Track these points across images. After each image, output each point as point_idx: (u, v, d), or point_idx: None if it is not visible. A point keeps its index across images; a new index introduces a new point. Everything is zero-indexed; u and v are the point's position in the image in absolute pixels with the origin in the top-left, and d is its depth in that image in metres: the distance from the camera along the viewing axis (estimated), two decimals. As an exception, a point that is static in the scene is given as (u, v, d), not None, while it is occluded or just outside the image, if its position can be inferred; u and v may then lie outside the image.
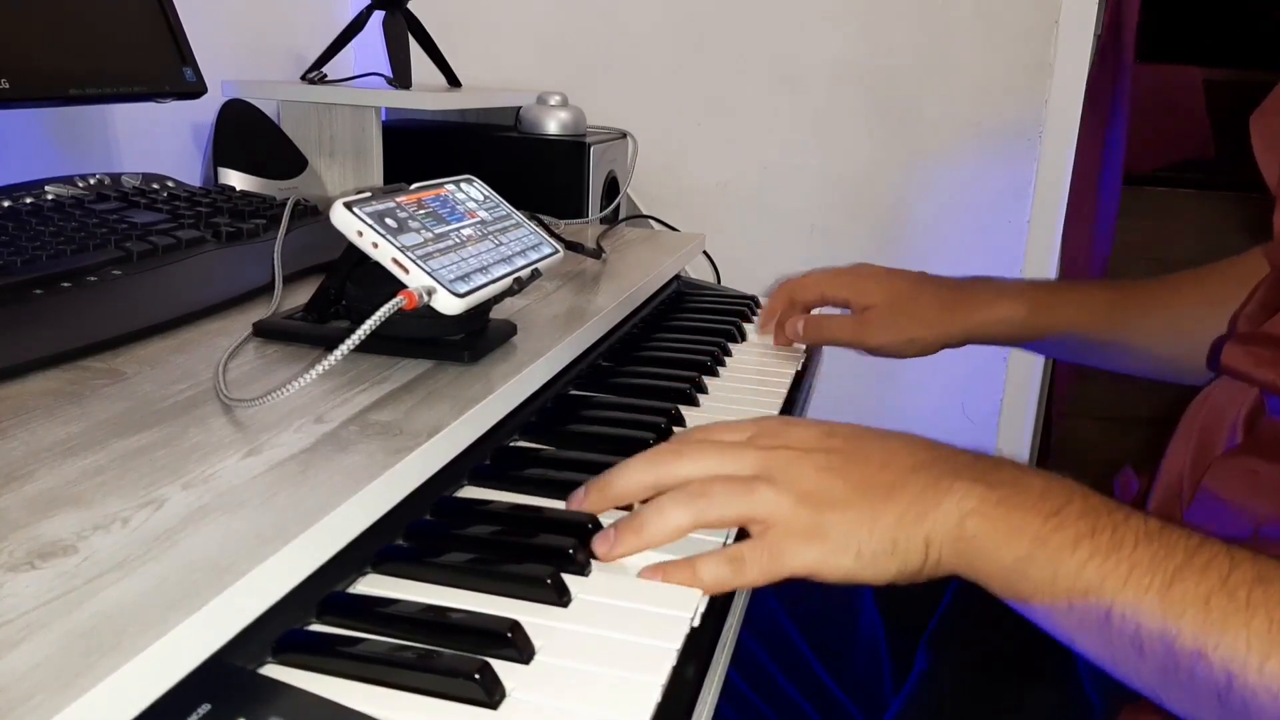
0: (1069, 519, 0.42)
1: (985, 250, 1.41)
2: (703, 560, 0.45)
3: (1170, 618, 0.39)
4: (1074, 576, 0.41)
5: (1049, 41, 1.33)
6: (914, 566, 0.45)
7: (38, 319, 0.55)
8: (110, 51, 0.80)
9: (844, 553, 0.44)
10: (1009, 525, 0.43)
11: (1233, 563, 0.39)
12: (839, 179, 1.43)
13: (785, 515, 0.45)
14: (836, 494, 0.45)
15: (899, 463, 0.47)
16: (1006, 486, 0.44)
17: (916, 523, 0.44)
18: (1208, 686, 0.38)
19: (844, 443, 0.48)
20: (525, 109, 1.25)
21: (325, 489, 0.40)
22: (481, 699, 0.36)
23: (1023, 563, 0.42)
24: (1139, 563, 0.40)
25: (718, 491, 0.46)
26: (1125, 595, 0.40)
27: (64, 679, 0.28)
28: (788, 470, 0.46)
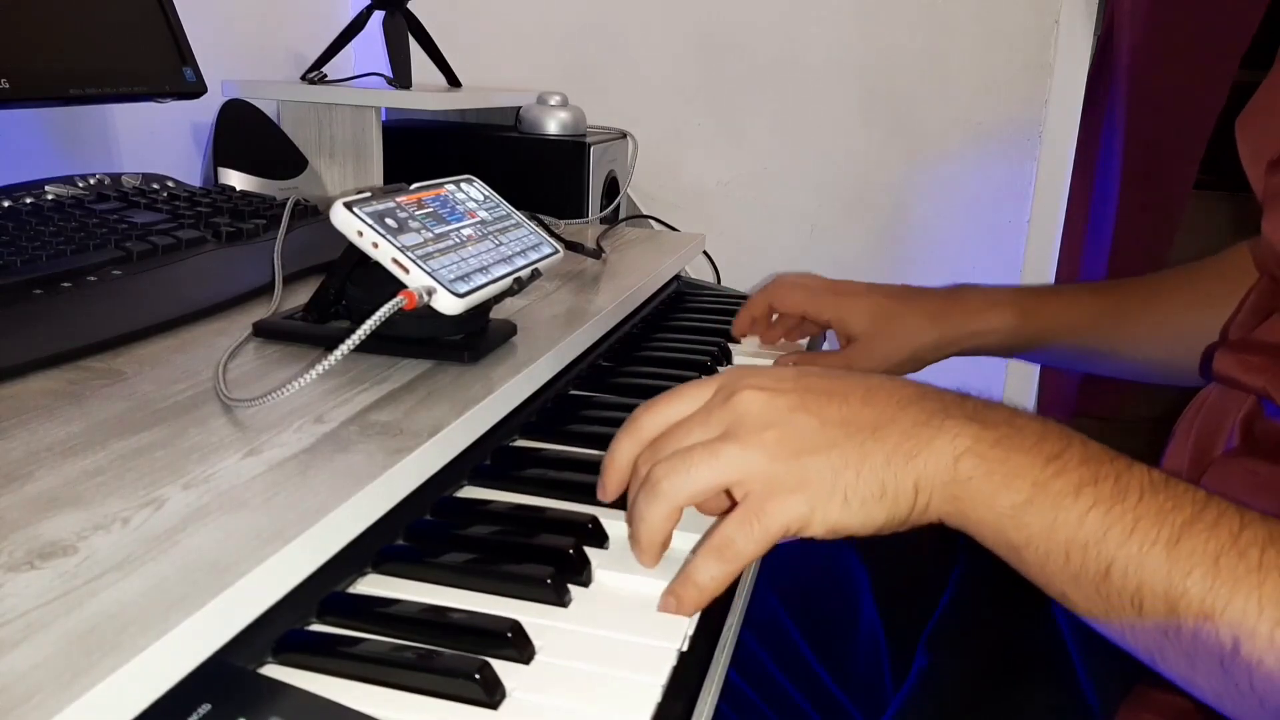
0: (1070, 464, 0.39)
1: (985, 250, 1.41)
2: (692, 567, 0.42)
3: (1176, 576, 0.36)
4: (1074, 526, 0.38)
5: (1049, 41, 1.33)
6: (903, 513, 0.41)
7: (38, 319, 0.55)
8: (110, 51, 0.80)
9: (830, 500, 0.41)
10: (1006, 468, 0.40)
11: (1243, 521, 0.37)
12: (839, 179, 1.43)
13: (759, 470, 0.41)
14: (815, 437, 0.41)
15: (883, 398, 0.43)
16: (1002, 426, 0.41)
17: (906, 462, 0.40)
18: (1211, 650, 0.36)
19: (818, 380, 0.44)
20: (525, 109, 1.25)
21: (325, 489, 0.40)
22: (482, 699, 0.36)
23: (1020, 509, 0.39)
24: (1145, 515, 0.37)
25: (679, 467, 0.42)
26: (1129, 549, 0.37)
27: (64, 679, 0.28)
28: (756, 417, 0.42)
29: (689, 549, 0.46)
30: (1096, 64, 1.33)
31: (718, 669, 0.43)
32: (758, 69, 1.42)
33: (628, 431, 0.47)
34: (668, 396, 0.47)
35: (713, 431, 0.44)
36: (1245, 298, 0.62)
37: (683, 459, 0.43)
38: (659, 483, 0.43)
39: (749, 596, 0.52)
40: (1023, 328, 0.78)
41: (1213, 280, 0.72)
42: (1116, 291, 0.79)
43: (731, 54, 1.42)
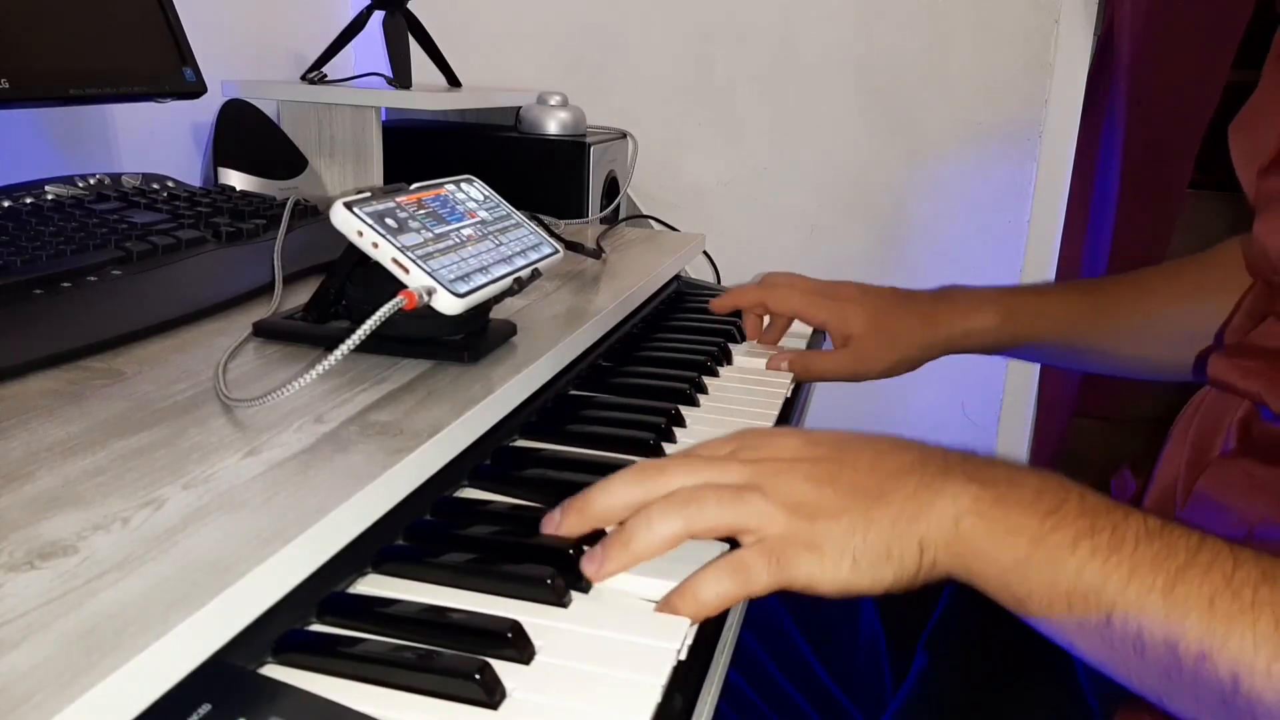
0: (1067, 518, 0.41)
1: (985, 250, 1.41)
2: (700, 578, 0.43)
3: (1174, 619, 0.38)
4: (1074, 577, 0.40)
5: (1049, 41, 1.33)
6: (910, 571, 0.43)
7: (38, 319, 0.56)
8: (110, 51, 0.80)
9: (840, 562, 0.43)
10: (1006, 525, 0.42)
11: (1236, 562, 0.38)
12: (839, 179, 1.43)
13: (779, 525, 0.43)
14: (827, 502, 0.44)
15: (887, 465, 0.45)
16: (1001, 485, 0.43)
17: (910, 524, 0.43)
18: (1213, 689, 0.37)
19: (829, 450, 0.47)
20: (525, 109, 1.25)
21: (325, 489, 0.40)
22: (482, 699, 0.36)
23: (1021, 564, 0.41)
24: (1141, 562, 0.39)
25: (708, 498, 0.44)
26: (1127, 596, 0.39)
27: (64, 679, 0.28)
28: (775, 480, 0.45)
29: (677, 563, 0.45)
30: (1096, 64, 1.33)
31: (718, 669, 0.43)
32: (758, 69, 1.42)
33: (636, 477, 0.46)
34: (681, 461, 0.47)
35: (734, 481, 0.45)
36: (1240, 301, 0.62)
37: (713, 491, 0.44)
38: (685, 505, 0.44)
39: (749, 597, 0.52)
40: (1008, 326, 0.79)
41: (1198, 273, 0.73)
42: (1102, 289, 0.80)
43: (732, 54, 1.42)
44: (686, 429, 0.65)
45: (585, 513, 0.46)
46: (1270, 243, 0.56)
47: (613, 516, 0.46)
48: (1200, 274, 0.73)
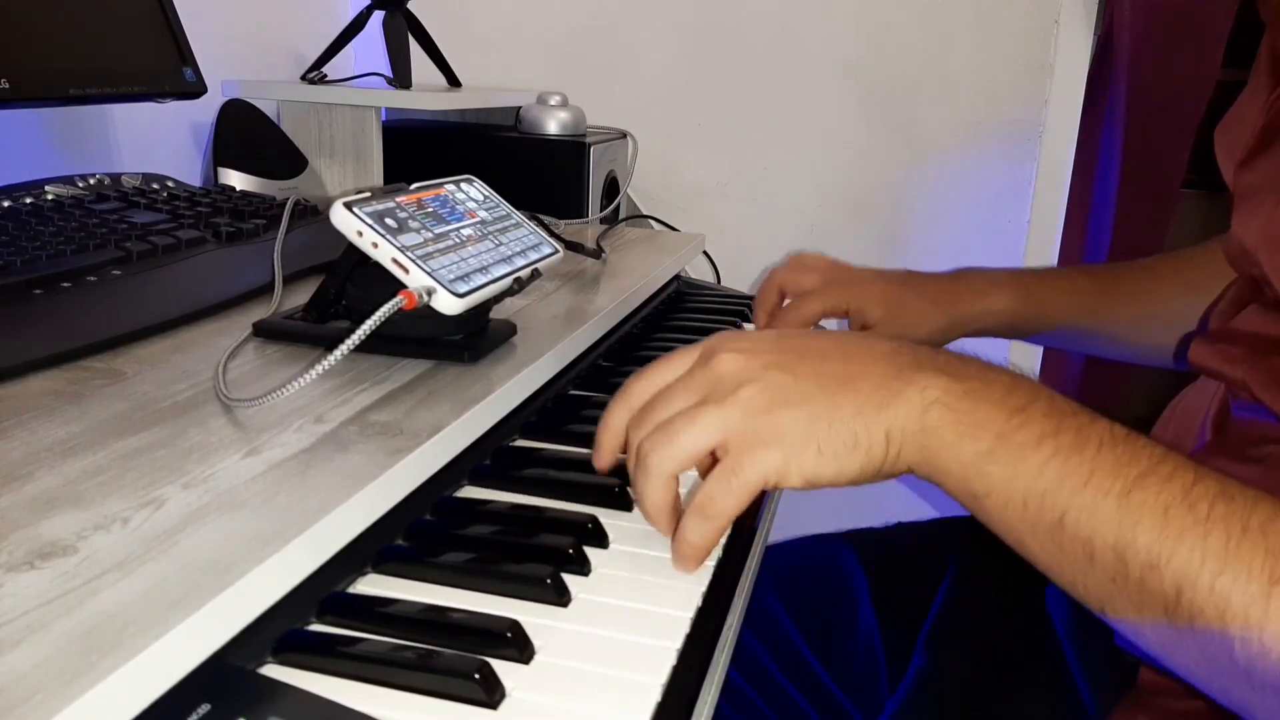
0: (1034, 416, 0.40)
1: (985, 250, 1.41)
2: (682, 529, 0.44)
3: (1126, 525, 0.37)
4: (1033, 475, 0.39)
5: (1049, 41, 1.33)
6: (876, 462, 0.42)
7: (38, 319, 0.56)
8: (110, 51, 0.80)
9: (804, 451, 0.42)
10: (972, 419, 0.41)
11: (1196, 476, 0.38)
12: (839, 179, 1.43)
13: (736, 427, 0.43)
14: (789, 391, 0.43)
15: (857, 354, 0.44)
16: (972, 380, 0.42)
17: (877, 412, 0.42)
18: (1156, 599, 0.37)
19: (795, 341, 0.46)
20: (525, 109, 1.25)
21: (325, 489, 0.40)
22: (481, 699, 0.36)
23: (982, 458, 0.40)
24: (1100, 466, 0.39)
25: (661, 439, 0.44)
26: (1083, 498, 0.38)
27: (64, 678, 0.28)
28: (733, 377, 0.44)
29: None
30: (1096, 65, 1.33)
31: (718, 669, 0.43)
32: (758, 69, 1.42)
33: (619, 400, 0.49)
34: (655, 364, 0.49)
35: (694, 397, 0.45)
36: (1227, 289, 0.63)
37: (665, 431, 0.44)
38: (647, 458, 0.45)
39: (749, 596, 0.52)
40: (1024, 308, 0.79)
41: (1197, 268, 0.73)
42: (1110, 274, 0.80)
43: (732, 54, 1.42)
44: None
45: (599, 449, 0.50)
46: (1245, 236, 0.56)
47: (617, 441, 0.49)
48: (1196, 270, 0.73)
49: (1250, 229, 0.56)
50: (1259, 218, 0.55)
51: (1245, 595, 0.35)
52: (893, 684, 0.71)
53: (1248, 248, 0.56)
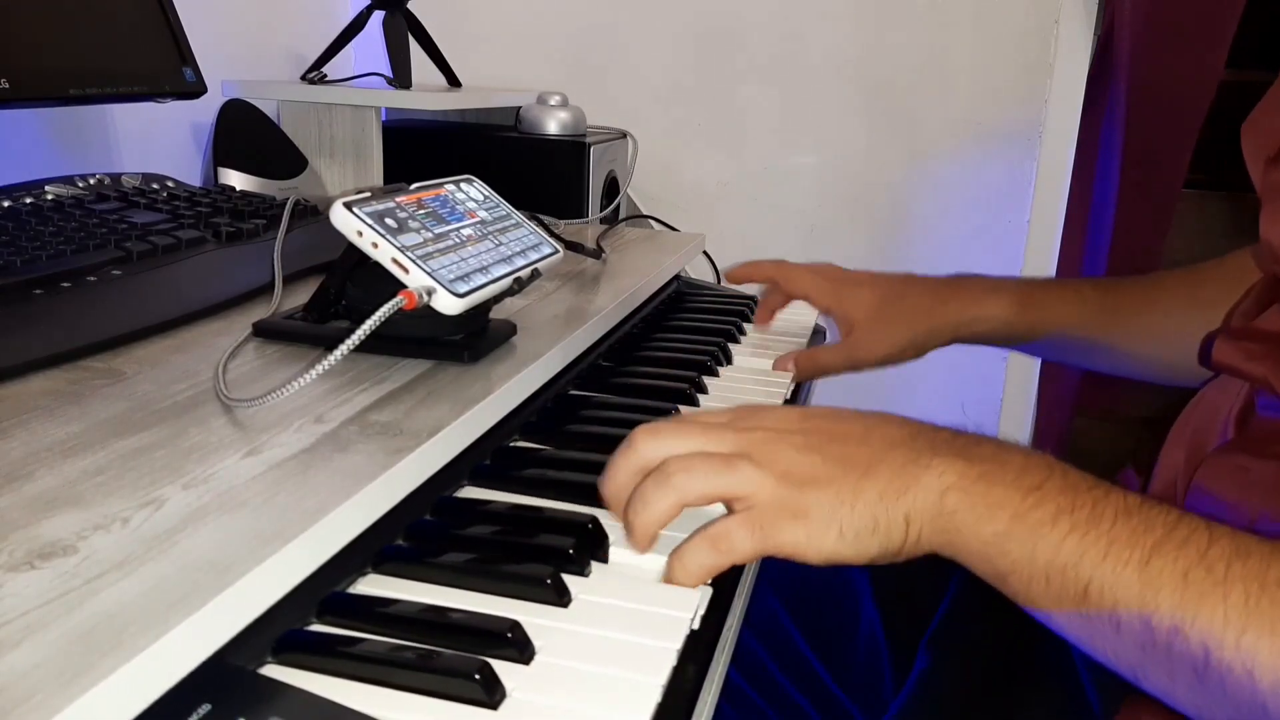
0: (1049, 494, 0.42)
1: (985, 250, 1.41)
2: (684, 551, 0.45)
3: (1148, 593, 0.38)
4: (1053, 551, 0.40)
5: (1049, 41, 1.33)
6: (895, 544, 0.44)
7: (38, 319, 0.55)
8: (110, 51, 0.80)
9: (826, 531, 0.44)
10: (988, 500, 0.42)
11: (1211, 537, 0.39)
12: (839, 179, 1.43)
13: (768, 493, 0.44)
14: (817, 472, 0.45)
15: (877, 439, 0.46)
16: (986, 462, 0.43)
17: (897, 498, 0.43)
18: (1185, 662, 0.38)
19: (822, 423, 0.48)
20: (525, 109, 1.25)
21: (325, 489, 0.40)
22: (481, 699, 0.36)
23: (1001, 538, 0.42)
24: (1118, 538, 0.40)
25: (698, 467, 0.45)
26: (1103, 570, 0.39)
27: (64, 678, 0.28)
28: (766, 449, 0.46)
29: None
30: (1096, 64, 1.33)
31: (718, 669, 0.43)
32: (758, 69, 1.42)
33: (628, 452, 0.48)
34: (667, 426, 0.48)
35: (725, 449, 0.46)
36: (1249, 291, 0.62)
37: (702, 460, 0.46)
38: (673, 475, 0.45)
39: (749, 597, 0.52)
40: (1021, 316, 0.78)
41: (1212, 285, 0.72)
42: (1117, 287, 0.79)
43: (731, 54, 1.42)
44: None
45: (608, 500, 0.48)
46: (1274, 234, 0.56)
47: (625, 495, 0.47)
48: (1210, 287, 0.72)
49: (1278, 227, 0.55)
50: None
51: (1272, 650, 0.35)
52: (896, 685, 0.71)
53: (1275, 246, 0.56)
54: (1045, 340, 0.80)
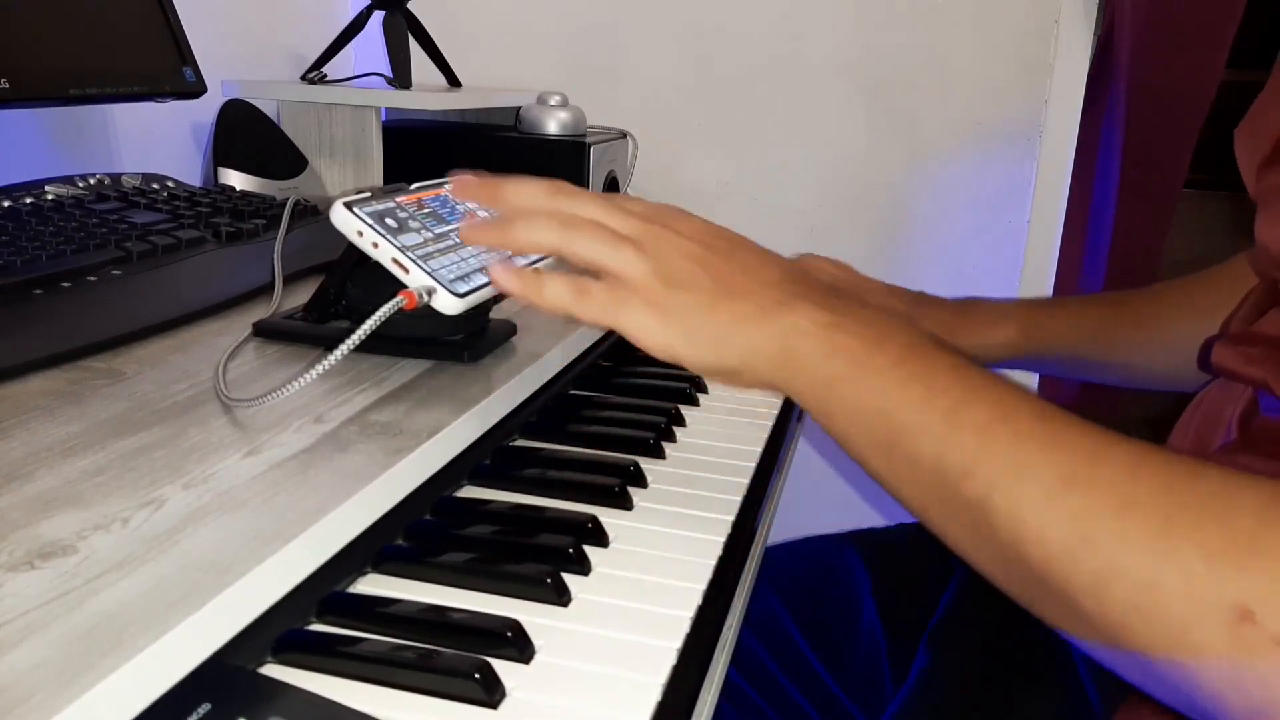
0: (886, 348, 0.44)
1: (985, 250, 1.41)
2: (551, 278, 0.49)
3: (949, 439, 0.41)
4: (875, 396, 0.43)
5: (1049, 41, 1.33)
6: (731, 365, 0.47)
7: (38, 319, 0.55)
8: (110, 51, 0.80)
9: (671, 328, 0.47)
10: (831, 345, 0.45)
11: (1018, 399, 0.41)
12: (839, 179, 1.43)
13: (639, 279, 0.48)
14: (691, 279, 0.48)
15: (759, 274, 0.49)
16: (840, 314, 0.46)
17: (747, 326, 0.46)
18: (966, 505, 0.40)
19: (723, 244, 0.50)
20: (525, 109, 1.25)
21: (325, 489, 0.40)
22: (481, 699, 0.36)
23: (835, 381, 0.44)
24: (934, 389, 0.42)
25: (588, 232, 0.49)
26: (914, 416, 0.42)
27: (64, 678, 0.28)
28: (657, 244, 0.49)
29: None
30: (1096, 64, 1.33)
31: (718, 669, 0.43)
32: (758, 69, 1.42)
33: (550, 191, 0.51)
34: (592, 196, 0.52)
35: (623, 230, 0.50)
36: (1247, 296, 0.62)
37: (595, 227, 0.49)
38: (566, 226, 0.49)
39: (749, 596, 0.52)
40: (1027, 340, 0.80)
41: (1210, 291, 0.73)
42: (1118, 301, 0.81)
43: (732, 54, 1.42)
44: (687, 428, 0.65)
45: (496, 192, 0.52)
46: (1270, 239, 0.56)
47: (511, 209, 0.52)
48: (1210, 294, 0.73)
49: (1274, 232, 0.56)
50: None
51: (1039, 497, 0.38)
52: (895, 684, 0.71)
53: (1272, 251, 0.56)
54: (1053, 359, 0.81)
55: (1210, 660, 0.33)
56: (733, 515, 0.53)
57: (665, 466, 0.59)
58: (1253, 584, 0.33)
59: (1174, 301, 0.77)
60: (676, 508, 0.53)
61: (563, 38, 1.46)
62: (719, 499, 0.55)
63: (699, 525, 0.51)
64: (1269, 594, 0.32)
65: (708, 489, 0.56)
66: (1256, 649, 0.32)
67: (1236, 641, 0.33)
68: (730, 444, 0.63)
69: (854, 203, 1.43)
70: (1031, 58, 1.34)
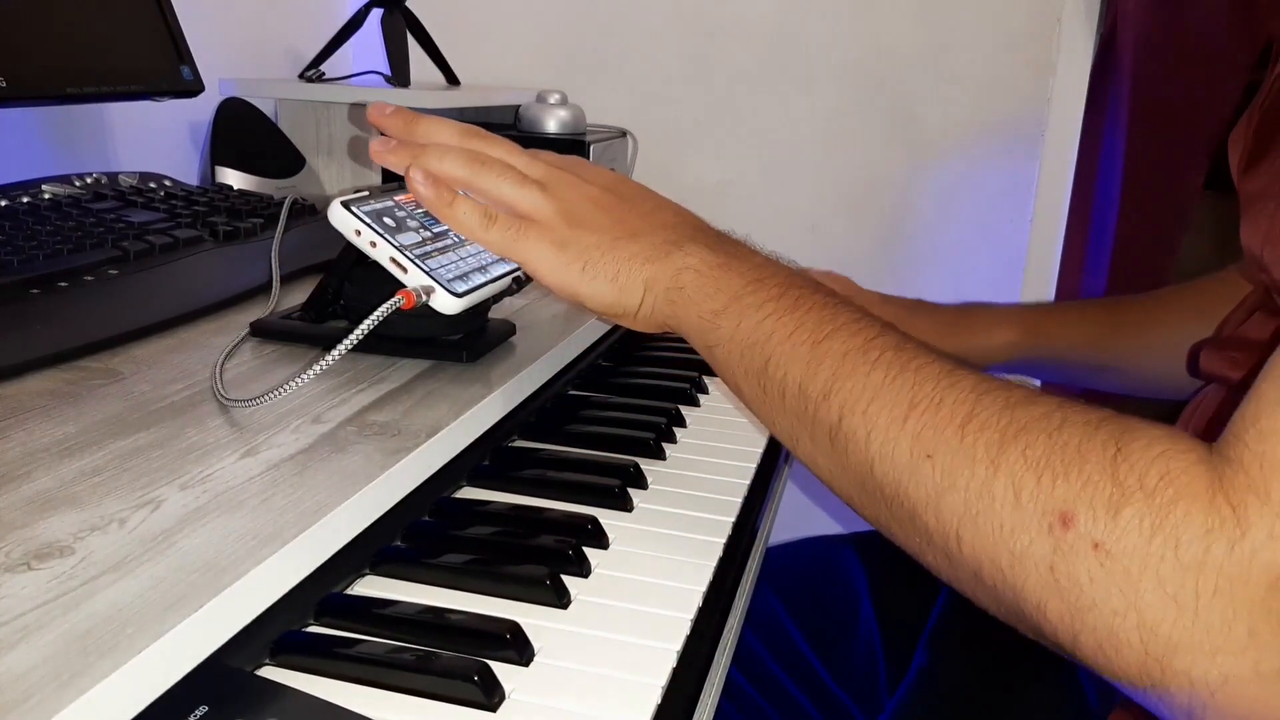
0: (766, 285, 0.47)
1: (987, 250, 1.41)
2: (463, 202, 0.51)
3: (812, 365, 0.44)
4: (752, 328, 0.46)
5: (1051, 40, 1.32)
6: (630, 303, 0.50)
7: (34, 319, 0.55)
8: (107, 50, 0.80)
9: (571, 264, 0.50)
10: (716, 284, 0.48)
11: (880, 332, 0.44)
12: (840, 179, 1.43)
13: (544, 217, 0.51)
14: (592, 220, 0.51)
15: (656, 218, 0.52)
16: (727, 255, 0.49)
17: (643, 265, 0.49)
18: (824, 427, 0.43)
19: (621, 189, 0.54)
20: (525, 107, 1.25)
21: (323, 490, 0.40)
22: (480, 701, 0.35)
23: (717, 315, 0.47)
24: (804, 322, 0.45)
25: (496, 169, 0.52)
26: (784, 347, 0.45)
27: (62, 680, 0.27)
28: (562, 188, 0.52)
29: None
30: (1099, 63, 1.33)
31: (718, 670, 0.43)
32: (758, 68, 1.42)
33: (462, 132, 0.54)
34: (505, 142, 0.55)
35: (530, 173, 0.53)
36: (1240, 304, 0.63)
37: (504, 168, 0.52)
38: (476, 163, 0.52)
39: (750, 596, 0.52)
40: (1026, 344, 0.80)
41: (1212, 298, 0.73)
42: (1120, 306, 0.81)
43: (732, 53, 1.42)
44: (687, 428, 0.65)
45: (410, 125, 0.55)
46: (1251, 243, 0.57)
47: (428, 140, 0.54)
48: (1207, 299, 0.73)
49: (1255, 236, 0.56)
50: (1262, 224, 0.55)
51: (889, 418, 0.40)
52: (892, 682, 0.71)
53: (1254, 253, 0.56)
54: (1053, 363, 0.81)
55: (1031, 564, 0.36)
56: (733, 516, 0.53)
57: (665, 467, 0.58)
58: (1071, 490, 0.35)
59: (1175, 306, 0.77)
60: (677, 509, 0.53)
61: (562, 36, 1.46)
62: (719, 500, 0.55)
63: (699, 526, 0.51)
64: (1088, 499, 0.34)
65: (708, 490, 0.56)
66: (1075, 551, 0.34)
67: (1056, 544, 0.35)
68: (730, 445, 0.63)
69: (855, 202, 1.43)
70: (1034, 57, 1.33)
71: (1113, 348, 0.79)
